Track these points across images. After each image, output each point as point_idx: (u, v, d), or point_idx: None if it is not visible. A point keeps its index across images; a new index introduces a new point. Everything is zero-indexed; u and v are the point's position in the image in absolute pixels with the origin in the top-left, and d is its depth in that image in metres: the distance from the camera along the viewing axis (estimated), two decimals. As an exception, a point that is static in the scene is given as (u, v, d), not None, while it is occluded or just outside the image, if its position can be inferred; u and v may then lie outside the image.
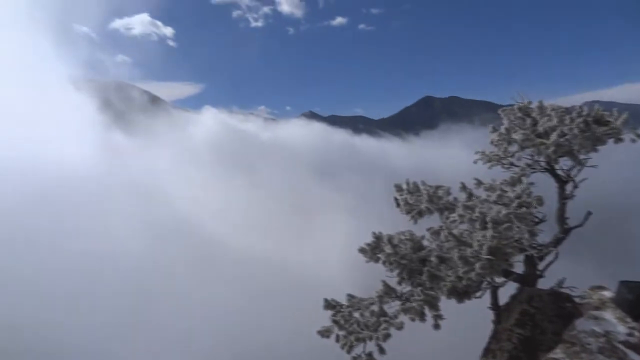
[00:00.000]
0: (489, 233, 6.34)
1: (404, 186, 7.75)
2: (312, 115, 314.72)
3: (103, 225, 66.04)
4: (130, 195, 77.12)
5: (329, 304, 6.85)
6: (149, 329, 46.03)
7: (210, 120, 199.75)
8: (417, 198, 7.64)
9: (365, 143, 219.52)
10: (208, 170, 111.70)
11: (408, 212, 7.53)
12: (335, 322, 6.62)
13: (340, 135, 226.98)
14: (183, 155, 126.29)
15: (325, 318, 6.83)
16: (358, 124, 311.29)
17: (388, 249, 6.77)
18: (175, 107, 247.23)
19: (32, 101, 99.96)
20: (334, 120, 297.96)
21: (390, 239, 6.88)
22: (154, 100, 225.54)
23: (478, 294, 6.82)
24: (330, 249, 71.31)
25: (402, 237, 6.97)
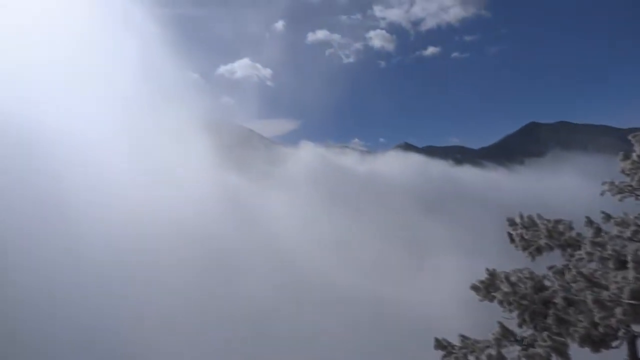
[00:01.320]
0: (631, 274, 5.63)
1: (518, 220, 7.30)
2: (408, 147, 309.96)
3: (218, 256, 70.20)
4: (242, 232, 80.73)
5: (441, 344, 6.57)
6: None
7: (308, 155, 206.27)
8: (534, 233, 7.13)
9: (467, 174, 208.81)
10: (309, 205, 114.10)
11: (525, 249, 7.06)
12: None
13: (440, 167, 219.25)
14: (285, 190, 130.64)
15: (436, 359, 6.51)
16: (456, 154, 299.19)
17: (505, 288, 6.40)
18: (275, 143, 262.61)
19: (145, 144, 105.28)
20: (430, 151, 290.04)
21: (507, 277, 6.51)
22: (256, 137, 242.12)
23: (615, 343, 6.02)
24: (439, 286, 67.92)
25: (520, 275, 6.56)
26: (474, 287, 6.70)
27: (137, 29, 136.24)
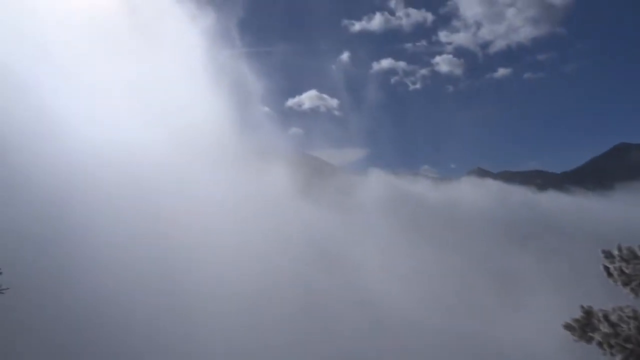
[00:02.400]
0: None
1: (616, 252, 6.60)
2: (482, 172, 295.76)
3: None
4: (321, 266, 79.56)
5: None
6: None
7: (378, 183, 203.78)
8: (636, 267, 6.42)
9: (552, 200, 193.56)
10: (384, 234, 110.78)
11: (625, 284, 6.35)
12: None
13: (521, 193, 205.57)
14: (358, 218, 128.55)
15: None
16: (536, 179, 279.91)
17: (605, 328, 5.79)
18: (345, 172, 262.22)
19: (221, 175, 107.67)
20: (507, 177, 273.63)
21: (606, 316, 5.90)
22: (326, 166, 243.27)
23: None
24: (530, 324, 62.15)
25: (622, 314, 5.91)
26: (568, 327, 6.14)
27: (210, 68, 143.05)
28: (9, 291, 9.69)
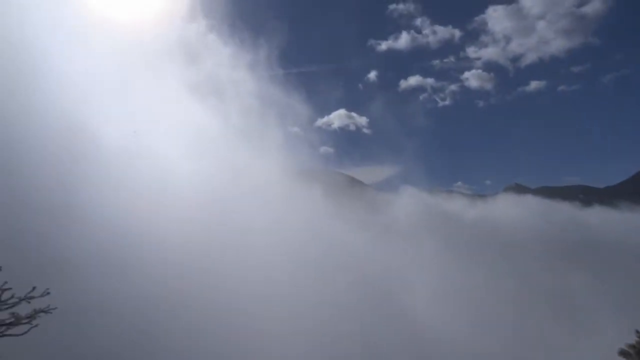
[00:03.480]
0: None
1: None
2: (519, 188, 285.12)
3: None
4: (355, 290, 76.40)
5: None
6: None
7: (410, 201, 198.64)
8: None
9: (600, 216, 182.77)
10: (422, 254, 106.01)
11: None
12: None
13: (564, 209, 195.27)
14: (392, 238, 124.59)
15: None
16: (579, 194, 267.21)
17: None
18: (376, 189, 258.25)
19: (258, 193, 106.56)
20: (547, 192, 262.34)
21: None
22: (357, 184, 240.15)
23: None
24: (595, 348, 56.30)
25: None
26: (623, 353, 5.70)
27: (242, 90, 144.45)
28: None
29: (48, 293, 9.50)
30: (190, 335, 50.71)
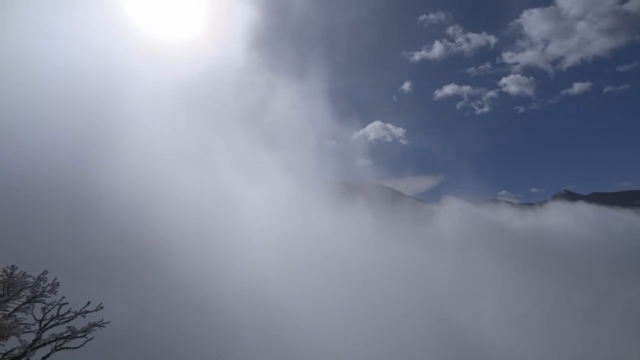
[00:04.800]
0: None
1: None
2: (570, 195, 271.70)
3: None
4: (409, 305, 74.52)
5: None
6: None
7: (454, 211, 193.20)
8: None
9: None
10: (474, 268, 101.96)
11: None
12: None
13: (623, 216, 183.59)
14: (440, 251, 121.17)
15: None
16: (634, 200, 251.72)
17: None
18: (418, 200, 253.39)
19: (299, 206, 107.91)
20: (600, 199, 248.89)
21: None
22: (398, 195, 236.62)
23: None
24: None
25: None
26: None
27: (284, 107, 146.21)
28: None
29: (101, 307, 9.83)
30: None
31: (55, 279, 9.84)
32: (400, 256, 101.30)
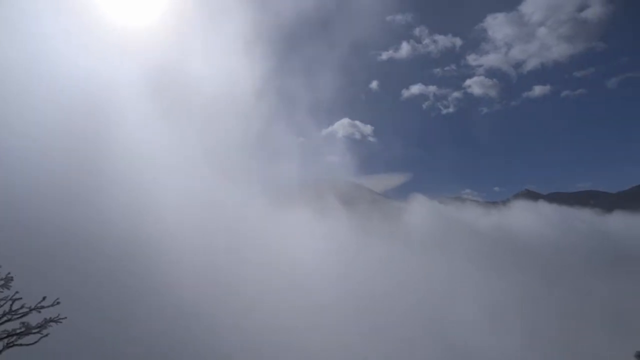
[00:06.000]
0: None
1: None
2: (531, 195, 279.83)
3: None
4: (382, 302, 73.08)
5: None
6: None
7: (422, 208, 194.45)
8: None
9: (621, 222, 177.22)
10: (444, 267, 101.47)
11: None
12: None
13: (582, 216, 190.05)
14: (409, 249, 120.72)
15: None
16: (590, 200, 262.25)
17: None
18: (387, 197, 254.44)
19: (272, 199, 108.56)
20: (559, 199, 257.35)
21: None
22: (366, 192, 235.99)
23: None
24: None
25: None
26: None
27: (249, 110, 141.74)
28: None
29: (58, 303, 9.38)
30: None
31: (9, 273, 9.39)
32: (372, 254, 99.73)
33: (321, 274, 77.73)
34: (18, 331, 9.13)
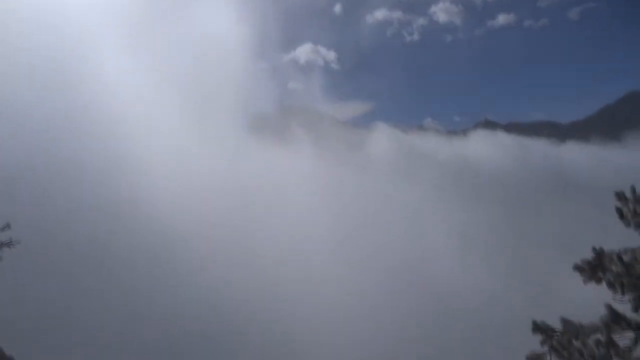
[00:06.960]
0: None
1: (629, 195, 5.84)
2: (489, 124, 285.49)
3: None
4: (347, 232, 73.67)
5: (539, 327, 5.57)
6: None
7: (384, 138, 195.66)
8: None
9: (573, 152, 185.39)
10: (406, 197, 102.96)
11: (638, 226, 5.69)
12: (552, 348, 5.38)
13: (538, 146, 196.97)
14: (373, 178, 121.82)
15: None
16: (545, 130, 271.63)
17: (617, 268, 5.47)
18: (350, 126, 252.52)
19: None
20: (516, 128, 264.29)
21: (619, 256, 5.49)
22: (329, 120, 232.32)
23: None
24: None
25: (636, 255, 5.45)
26: (578, 268, 5.72)
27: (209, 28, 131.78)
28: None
29: (9, 228, 8.67)
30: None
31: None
32: (337, 187, 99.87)
33: (296, 209, 79.55)
34: None
